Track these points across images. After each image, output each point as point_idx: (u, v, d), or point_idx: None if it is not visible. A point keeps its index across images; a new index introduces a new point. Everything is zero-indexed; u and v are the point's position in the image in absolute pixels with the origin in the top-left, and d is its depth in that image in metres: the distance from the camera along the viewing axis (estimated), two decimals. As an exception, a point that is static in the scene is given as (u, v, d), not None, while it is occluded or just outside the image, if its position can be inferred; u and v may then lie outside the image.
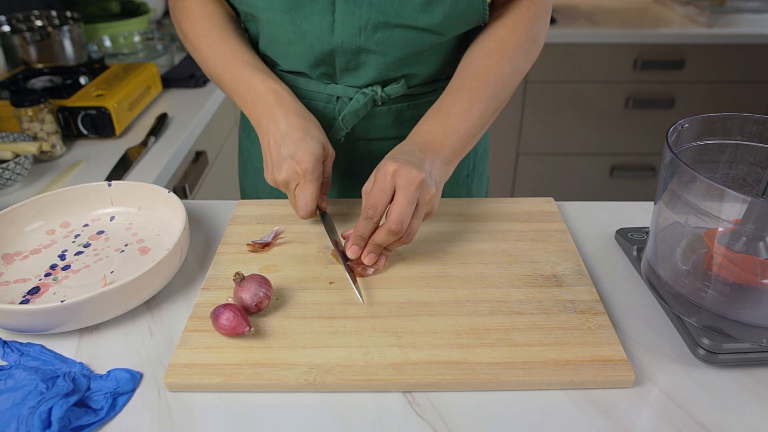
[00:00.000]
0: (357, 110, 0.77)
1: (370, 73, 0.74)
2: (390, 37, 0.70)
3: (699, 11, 1.99)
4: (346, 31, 0.70)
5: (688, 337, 0.55)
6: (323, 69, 0.75)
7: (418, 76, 0.77)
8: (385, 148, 0.82)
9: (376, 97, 0.76)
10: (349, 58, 0.73)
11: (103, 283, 0.63)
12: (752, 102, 2.06)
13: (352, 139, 0.81)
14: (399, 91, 0.76)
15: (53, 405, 0.48)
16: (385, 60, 0.73)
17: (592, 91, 2.04)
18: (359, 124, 0.80)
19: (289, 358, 0.53)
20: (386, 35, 0.70)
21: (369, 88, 0.76)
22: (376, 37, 0.70)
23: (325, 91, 0.78)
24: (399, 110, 0.80)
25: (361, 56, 0.73)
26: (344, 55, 0.72)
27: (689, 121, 0.59)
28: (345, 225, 0.72)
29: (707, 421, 0.49)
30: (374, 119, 0.80)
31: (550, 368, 0.52)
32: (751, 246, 0.55)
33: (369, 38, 0.70)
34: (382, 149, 0.82)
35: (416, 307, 0.59)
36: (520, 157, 2.18)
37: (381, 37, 0.70)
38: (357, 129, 0.80)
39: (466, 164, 0.89)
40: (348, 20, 0.69)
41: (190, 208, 0.79)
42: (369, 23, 0.69)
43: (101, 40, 1.51)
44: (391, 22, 0.69)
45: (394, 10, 0.68)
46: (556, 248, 0.68)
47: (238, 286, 0.58)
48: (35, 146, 0.92)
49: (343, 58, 0.73)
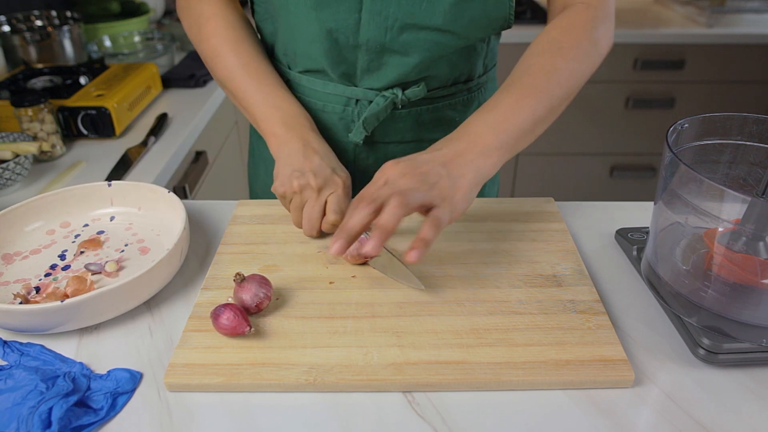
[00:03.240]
0: (377, 113, 0.76)
1: (391, 74, 0.74)
2: (415, 39, 0.70)
3: (699, 11, 1.99)
4: (372, 29, 0.70)
5: (688, 337, 0.55)
6: (344, 68, 0.75)
7: (438, 78, 0.77)
8: (403, 151, 0.82)
9: (396, 100, 0.75)
10: (372, 57, 0.73)
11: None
12: (752, 102, 2.06)
13: (371, 142, 0.81)
14: (419, 94, 0.76)
15: (53, 405, 0.48)
16: (407, 61, 0.73)
17: (592, 91, 2.04)
18: (378, 127, 0.79)
19: (289, 358, 0.53)
20: (412, 36, 0.70)
21: (389, 91, 0.76)
22: (401, 38, 0.70)
23: (344, 93, 0.77)
24: (418, 113, 0.80)
25: (385, 56, 0.72)
26: (368, 54, 0.72)
27: (689, 121, 0.59)
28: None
29: (707, 421, 0.49)
30: (393, 122, 0.80)
31: (550, 368, 0.52)
32: (751, 246, 0.55)
33: (394, 38, 0.70)
34: (400, 152, 0.82)
35: (416, 306, 0.59)
36: (520, 157, 2.18)
37: (406, 38, 0.70)
38: (375, 132, 0.80)
39: None
40: (375, 19, 0.69)
41: (190, 208, 0.79)
42: (396, 23, 0.69)
43: (101, 40, 1.51)
44: (418, 23, 0.69)
45: (422, 11, 0.68)
46: (556, 248, 0.68)
47: (238, 287, 0.58)
48: (35, 146, 0.92)
49: (365, 58, 0.73)
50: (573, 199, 0.82)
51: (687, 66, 1.97)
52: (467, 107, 0.83)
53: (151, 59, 1.43)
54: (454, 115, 0.82)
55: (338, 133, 0.81)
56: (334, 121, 0.80)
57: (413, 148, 0.82)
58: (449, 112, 0.82)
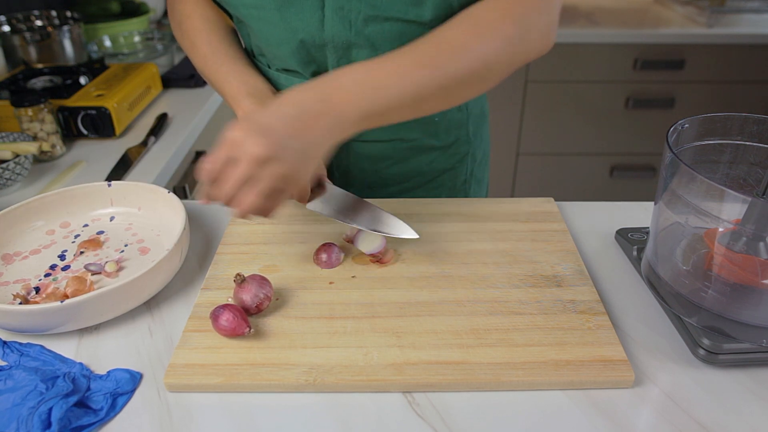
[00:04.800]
0: None
1: None
2: (381, 31, 0.69)
3: (699, 11, 1.99)
4: (336, 25, 0.69)
5: (688, 337, 0.55)
6: (315, 67, 0.74)
7: None
8: (381, 150, 0.82)
9: None
10: (341, 54, 0.72)
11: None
12: (752, 102, 2.05)
13: (351, 141, 0.81)
14: None
15: (53, 405, 0.48)
16: (376, 55, 0.72)
17: (592, 91, 2.04)
18: None
19: (288, 359, 0.53)
20: (377, 28, 0.69)
21: None
22: (367, 32, 0.69)
23: None
24: None
25: (353, 51, 0.72)
26: (335, 51, 0.72)
27: (689, 121, 0.59)
28: (338, 225, 0.72)
29: (707, 421, 0.49)
30: None
31: (550, 368, 0.52)
32: (751, 246, 0.55)
33: (360, 32, 0.69)
34: (378, 151, 0.82)
35: (416, 307, 0.59)
36: (520, 157, 2.18)
37: (372, 31, 0.69)
38: None
39: (464, 170, 0.88)
40: (338, 14, 0.68)
41: (190, 208, 0.79)
42: (359, 16, 0.68)
43: (101, 40, 1.51)
44: (381, 15, 0.68)
45: (384, 2, 0.66)
46: (556, 248, 0.68)
47: (238, 287, 0.58)
48: (35, 146, 0.92)
49: (334, 55, 0.72)
50: (573, 199, 0.82)
51: (687, 66, 1.97)
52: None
53: (151, 59, 1.43)
54: (433, 115, 0.80)
55: None
56: None
57: (391, 148, 0.81)
58: None
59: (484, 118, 0.90)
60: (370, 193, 0.85)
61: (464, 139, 0.85)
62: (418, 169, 0.84)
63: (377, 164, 0.83)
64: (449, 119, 0.82)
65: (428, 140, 0.82)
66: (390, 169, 0.83)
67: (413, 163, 0.84)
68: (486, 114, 0.91)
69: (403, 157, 0.83)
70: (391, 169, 0.83)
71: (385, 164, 0.83)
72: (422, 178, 0.85)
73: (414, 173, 0.84)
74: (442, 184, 0.87)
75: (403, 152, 0.82)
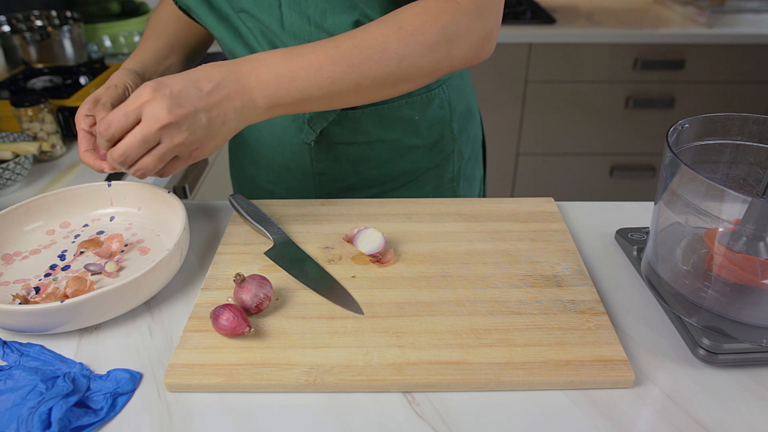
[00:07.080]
0: (324, 113, 0.75)
1: None
2: (339, 24, 0.68)
3: (699, 11, 1.99)
4: (295, 22, 0.68)
5: (688, 337, 0.55)
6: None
7: None
8: (368, 152, 0.80)
9: None
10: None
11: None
12: (752, 102, 2.06)
13: (330, 144, 0.80)
14: None
15: (53, 405, 0.48)
16: None
17: (592, 91, 2.04)
18: (334, 128, 0.78)
19: (289, 359, 0.53)
20: (336, 21, 0.68)
21: None
22: (326, 26, 0.68)
23: None
24: (375, 113, 0.78)
25: None
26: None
27: (689, 121, 0.59)
28: (337, 225, 0.72)
29: (707, 421, 0.49)
30: (349, 123, 0.78)
31: (550, 368, 0.52)
32: (752, 246, 0.55)
33: (319, 26, 0.69)
34: (365, 153, 0.81)
35: (416, 307, 0.59)
36: (520, 157, 2.18)
37: (331, 24, 0.68)
38: (331, 133, 0.78)
39: (450, 168, 0.87)
40: (295, 9, 0.68)
41: (190, 208, 0.79)
42: (316, 10, 0.68)
43: (101, 40, 1.51)
44: (336, 6, 0.67)
45: None
46: (556, 248, 0.68)
47: (238, 287, 0.58)
48: (35, 146, 0.92)
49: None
50: (573, 199, 0.82)
51: (687, 66, 1.97)
52: (427, 105, 0.80)
53: (151, 59, 1.43)
54: (412, 114, 0.80)
55: (293, 134, 0.79)
56: (288, 122, 0.79)
57: (370, 149, 0.80)
58: (407, 111, 0.79)
59: (471, 114, 0.89)
60: (353, 194, 0.84)
61: (448, 136, 0.84)
62: (400, 169, 0.83)
63: (358, 166, 0.82)
64: (430, 117, 0.81)
65: (410, 139, 0.81)
66: (371, 170, 0.83)
67: (396, 164, 0.83)
68: (473, 111, 0.90)
69: (385, 158, 0.82)
70: (372, 170, 0.83)
71: (367, 166, 0.82)
72: (405, 178, 0.84)
73: (397, 173, 0.84)
74: (427, 182, 0.86)
75: (384, 153, 0.81)
